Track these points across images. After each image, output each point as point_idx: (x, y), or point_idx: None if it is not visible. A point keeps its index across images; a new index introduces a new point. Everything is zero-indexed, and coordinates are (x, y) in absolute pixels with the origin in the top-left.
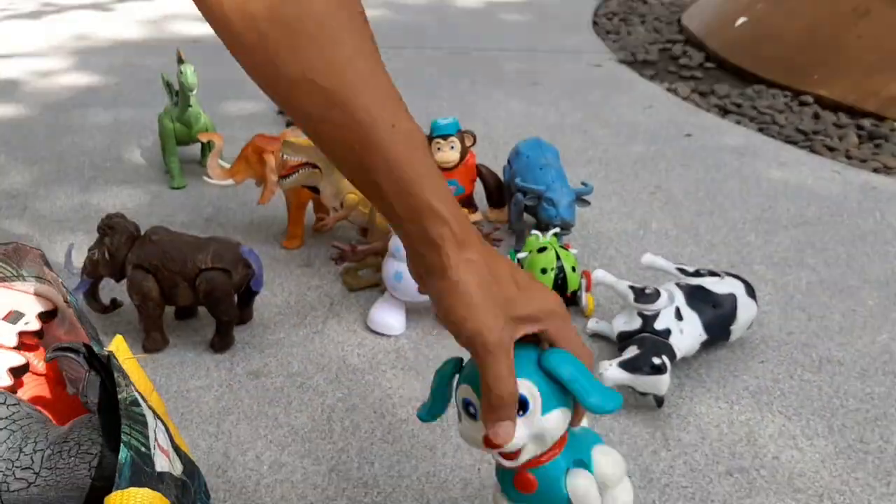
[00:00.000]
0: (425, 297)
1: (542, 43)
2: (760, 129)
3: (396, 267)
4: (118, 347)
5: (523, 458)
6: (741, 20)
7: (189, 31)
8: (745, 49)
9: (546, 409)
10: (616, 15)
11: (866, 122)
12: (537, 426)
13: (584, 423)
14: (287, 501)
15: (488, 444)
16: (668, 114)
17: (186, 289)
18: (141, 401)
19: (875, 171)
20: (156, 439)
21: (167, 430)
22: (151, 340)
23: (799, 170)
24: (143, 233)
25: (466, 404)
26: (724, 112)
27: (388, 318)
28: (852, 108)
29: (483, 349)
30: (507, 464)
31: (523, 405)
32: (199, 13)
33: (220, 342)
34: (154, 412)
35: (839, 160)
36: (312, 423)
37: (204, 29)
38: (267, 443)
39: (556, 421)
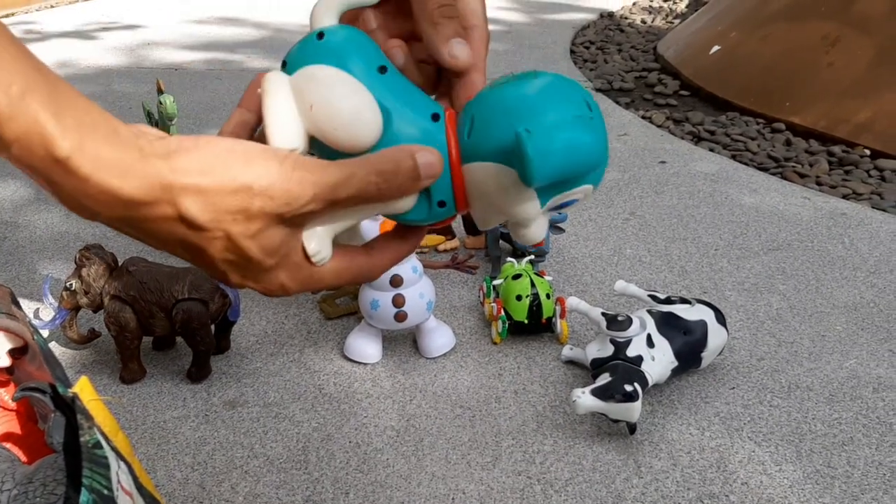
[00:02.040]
0: (402, 325)
1: (521, 72)
2: (733, 156)
3: (373, 295)
4: (83, 388)
5: None
6: (715, 48)
7: (171, 58)
8: (719, 77)
9: None
10: (593, 44)
11: (837, 149)
12: None
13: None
14: None
15: None
16: (643, 141)
17: (163, 319)
18: (104, 442)
19: (845, 197)
20: (119, 481)
21: (131, 470)
22: (129, 371)
23: (770, 196)
24: (120, 264)
25: None
26: (697, 139)
27: (365, 346)
28: (823, 134)
29: None
30: None
31: None
32: (181, 41)
33: (197, 372)
34: (118, 453)
35: (809, 186)
36: (288, 452)
37: (185, 56)
38: (242, 473)
39: None
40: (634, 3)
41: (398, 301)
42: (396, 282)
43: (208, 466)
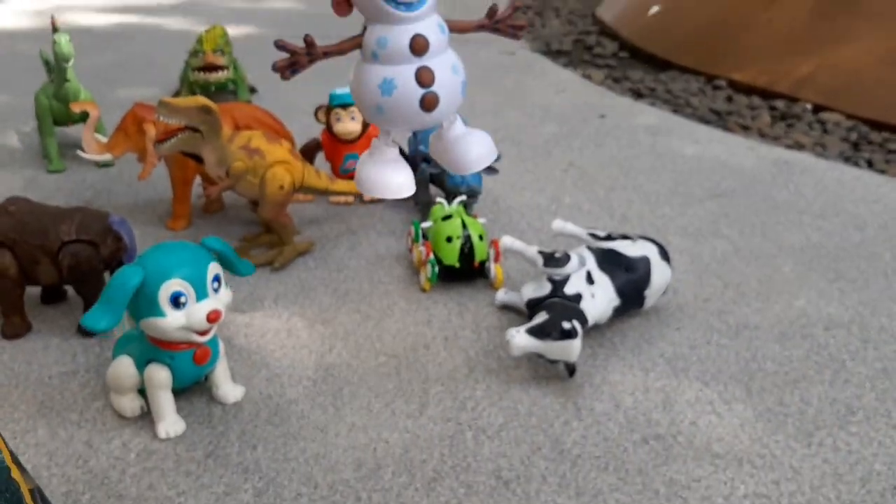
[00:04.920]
0: (432, 117)
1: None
2: (674, 111)
3: (384, 73)
4: None
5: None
6: (654, 9)
7: (83, 21)
8: (659, 37)
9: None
10: (531, 8)
11: (779, 104)
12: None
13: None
14: (155, 491)
15: None
16: (582, 97)
17: (48, 265)
18: None
19: (788, 147)
20: None
21: None
22: (11, 325)
23: (713, 147)
24: None
25: (176, 296)
26: (637, 95)
27: (386, 173)
28: (765, 90)
29: None
30: (203, 339)
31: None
32: (93, 4)
33: None
34: None
35: (752, 138)
36: (189, 406)
37: (98, 19)
38: (136, 429)
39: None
40: None
41: (425, 76)
42: (420, 45)
43: (97, 423)
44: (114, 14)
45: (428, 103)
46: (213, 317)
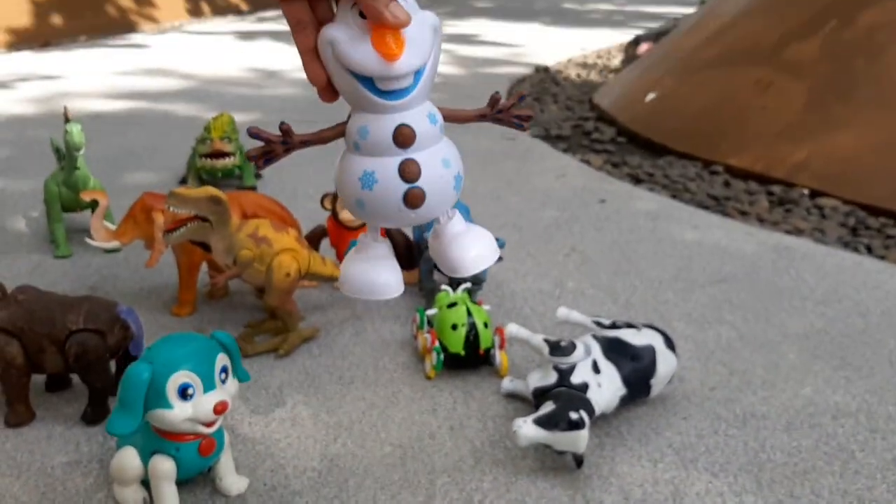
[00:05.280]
0: (417, 214)
1: None
2: (673, 196)
3: (364, 165)
4: None
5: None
6: (650, 96)
7: (91, 108)
8: (655, 123)
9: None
10: (529, 95)
11: (776, 189)
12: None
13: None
14: None
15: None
16: (582, 182)
17: (55, 354)
18: None
19: (787, 232)
20: None
21: None
22: (15, 413)
23: (713, 232)
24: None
25: (184, 388)
26: (636, 180)
27: (375, 272)
28: (761, 175)
29: None
30: (209, 430)
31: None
32: (102, 91)
33: (93, 413)
34: None
35: (751, 223)
36: (193, 498)
37: (106, 105)
38: None
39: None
40: (569, 60)
41: (409, 170)
42: (405, 137)
43: None
44: (122, 100)
45: (412, 199)
46: (219, 408)
